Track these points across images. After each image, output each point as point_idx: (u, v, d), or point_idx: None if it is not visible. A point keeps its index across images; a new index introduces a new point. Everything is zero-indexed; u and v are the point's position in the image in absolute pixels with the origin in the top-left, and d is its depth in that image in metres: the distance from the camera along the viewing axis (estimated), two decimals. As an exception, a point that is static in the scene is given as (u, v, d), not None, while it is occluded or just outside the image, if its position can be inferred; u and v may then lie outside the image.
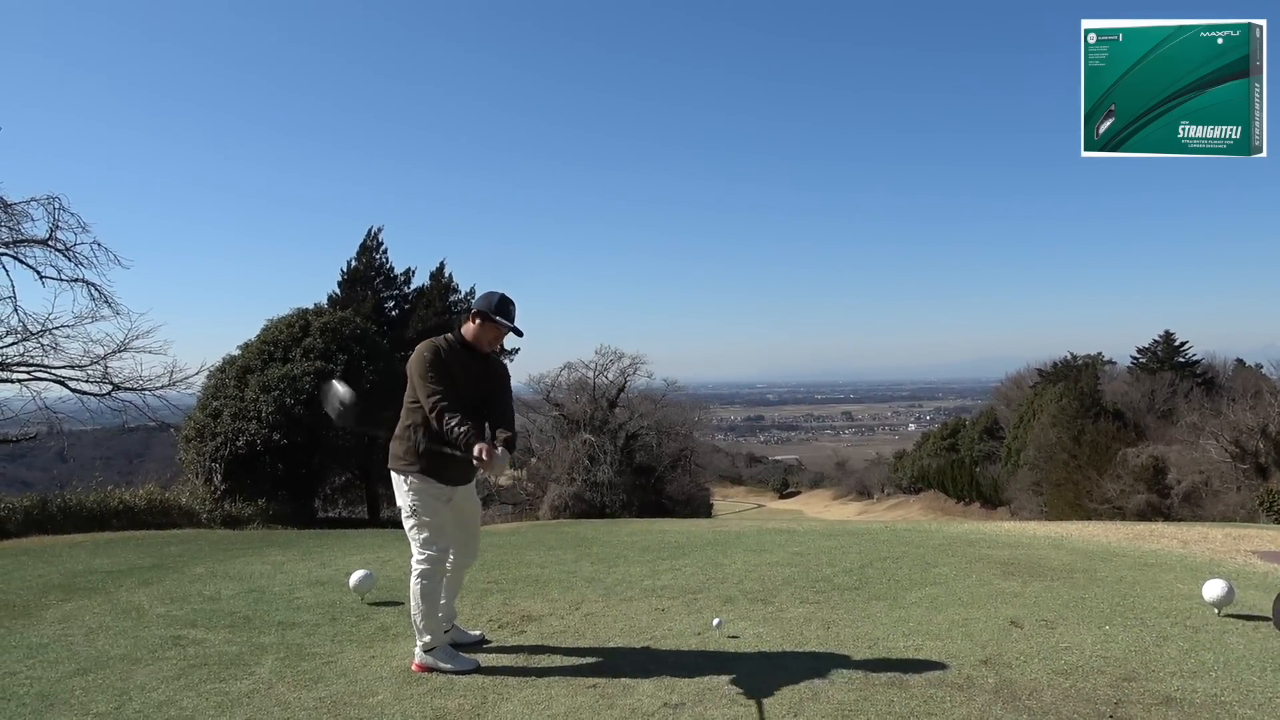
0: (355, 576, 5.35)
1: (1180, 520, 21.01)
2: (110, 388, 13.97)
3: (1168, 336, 45.30)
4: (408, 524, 4.02)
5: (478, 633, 4.49)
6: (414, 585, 3.94)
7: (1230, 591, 4.72)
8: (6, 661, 4.18)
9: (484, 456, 3.75)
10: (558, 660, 4.09)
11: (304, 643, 4.44)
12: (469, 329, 4.11)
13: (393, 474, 4.07)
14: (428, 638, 3.94)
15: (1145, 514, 28.24)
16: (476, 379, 4.09)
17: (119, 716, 3.41)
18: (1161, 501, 30.71)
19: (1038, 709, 3.36)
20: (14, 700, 3.61)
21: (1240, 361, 44.50)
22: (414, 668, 3.94)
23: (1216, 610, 4.77)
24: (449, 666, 3.91)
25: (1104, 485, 32.74)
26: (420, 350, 4.01)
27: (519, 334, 4.14)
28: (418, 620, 3.95)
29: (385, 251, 24.34)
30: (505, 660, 4.09)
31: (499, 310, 4.07)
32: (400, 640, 4.45)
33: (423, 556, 3.97)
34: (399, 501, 4.06)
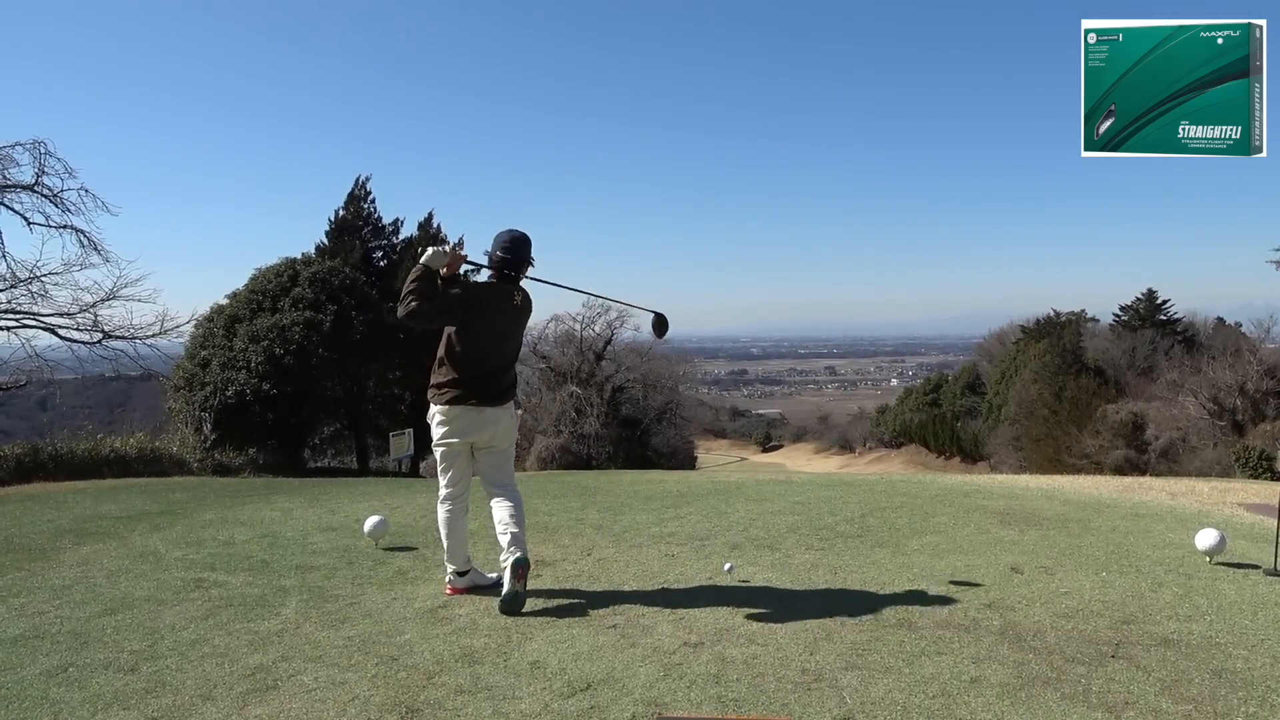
0: (370, 522, 5.43)
1: (1158, 475, 21.42)
2: (101, 335, 13.89)
3: (1150, 294, 45.60)
4: (436, 453, 4.29)
5: (494, 575, 4.59)
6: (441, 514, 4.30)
7: (1223, 540, 4.88)
8: (33, 601, 4.24)
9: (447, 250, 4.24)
10: (575, 602, 4.19)
11: (324, 585, 4.53)
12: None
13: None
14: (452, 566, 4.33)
15: (1123, 469, 28.73)
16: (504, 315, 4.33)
17: (154, 654, 3.48)
18: (1139, 457, 31.26)
19: (1042, 649, 3.50)
20: (47, 638, 3.68)
21: (1220, 320, 44.92)
22: (448, 591, 4.32)
23: (1208, 558, 4.94)
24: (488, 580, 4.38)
25: (1083, 441, 33.25)
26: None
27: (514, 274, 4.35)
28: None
29: (373, 201, 24.12)
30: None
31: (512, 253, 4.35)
32: (419, 583, 4.54)
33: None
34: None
